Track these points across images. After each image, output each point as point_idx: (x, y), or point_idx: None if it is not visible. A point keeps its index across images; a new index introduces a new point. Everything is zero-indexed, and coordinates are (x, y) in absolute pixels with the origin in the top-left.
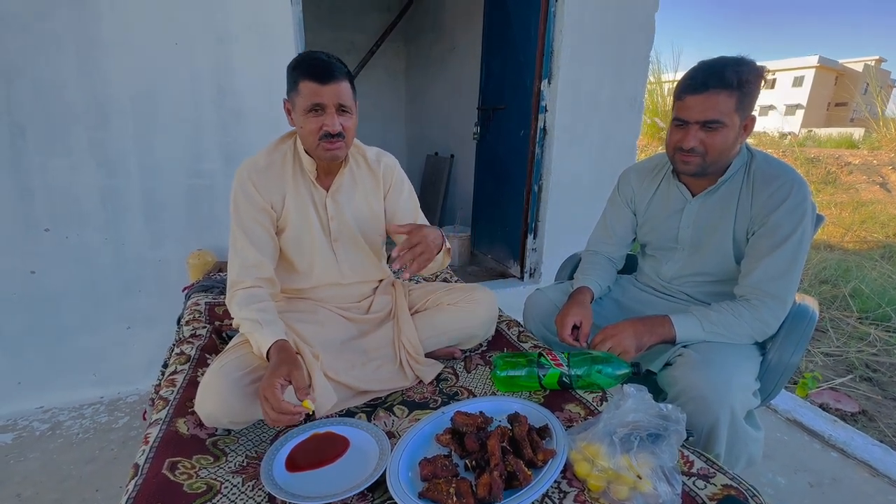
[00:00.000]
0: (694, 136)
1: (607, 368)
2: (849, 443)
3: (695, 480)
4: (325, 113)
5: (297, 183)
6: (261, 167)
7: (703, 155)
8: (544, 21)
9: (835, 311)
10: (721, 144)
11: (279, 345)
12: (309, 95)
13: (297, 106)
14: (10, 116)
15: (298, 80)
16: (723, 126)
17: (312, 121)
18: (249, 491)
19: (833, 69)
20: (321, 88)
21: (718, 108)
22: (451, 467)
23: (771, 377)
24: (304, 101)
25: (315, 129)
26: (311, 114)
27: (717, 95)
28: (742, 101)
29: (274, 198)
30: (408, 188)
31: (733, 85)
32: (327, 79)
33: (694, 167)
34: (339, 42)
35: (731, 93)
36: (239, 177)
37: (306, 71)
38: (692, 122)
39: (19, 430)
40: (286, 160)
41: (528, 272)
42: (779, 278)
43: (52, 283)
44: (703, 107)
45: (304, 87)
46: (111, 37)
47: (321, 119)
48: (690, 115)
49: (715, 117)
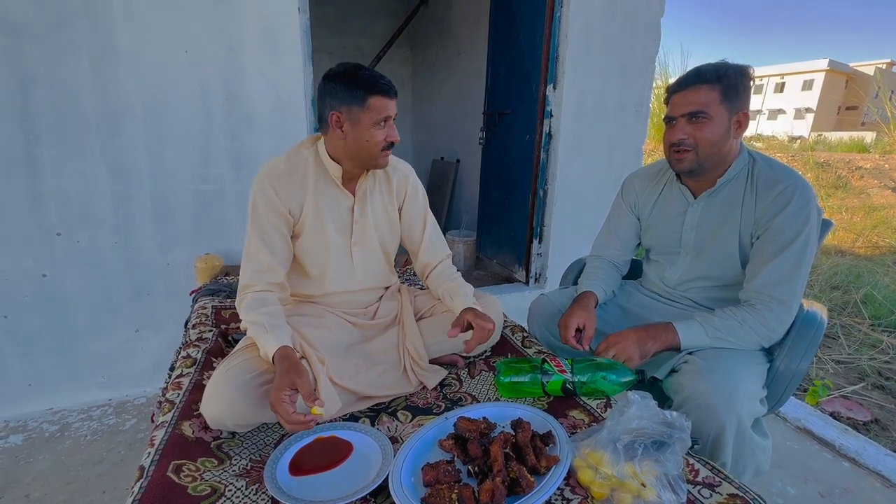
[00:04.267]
0: (681, 129)
1: (612, 375)
2: (861, 452)
3: (700, 489)
4: (387, 125)
5: (318, 188)
6: (281, 172)
7: (694, 148)
8: (549, 26)
9: (846, 318)
10: (710, 136)
11: (282, 352)
12: (380, 109)
13: (365, 119)
14: (26, 124)
15: (367, 95)
16: (708, 118)
17: (380, 132)
18: (253, 494)
19: (843, 72)
20: (389, 102)
21: (700, 99)
22: (453, 473)
23: (779, 385)
24: (376, 114)
25: (382, 139)
26: (379, 126)
27: (697, 90)
28: (726, 94)
29: (293, 203)
30: (422, 196)
31: (712, 79)
32: (393, 93)
33: (688, 163)
34: (346, 48)
35: (711, 86)
36: (259, 181)
37: (376, 87)
38: (678, 117)
39: (29, 431)
40: (308, 166)
41: (533, 277)
42: (783, 283)
43: (63, 286)
44: (685, 100)
45: (376, 101)
46: (125, 45)
47: (385, 130)
48: (675, 110)
49: (697, 108)
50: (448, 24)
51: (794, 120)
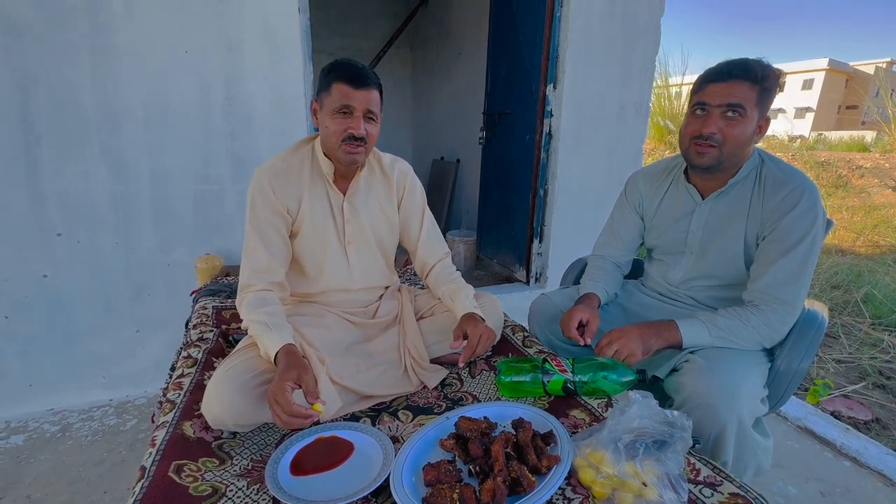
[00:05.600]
0: (714, 122)
1: (613, 375)
2: (862, 451)
3: (701, 488)
4: (352, 116)
5: (313, 186)
6: (278, 171)
7: (720, 145)
8: (549, 26)
9: (847, 317)
10: (739, 136)
11: (287, 349)
12: (340, 97)
13: (326, 106)
14: (27, 124)
15: (332, 81)
16: (744, 114)
17: (339, 122)
18: (254, 494)
19: (843, 72)
20: (353, 92)
21: (742, 94)
22: (454, 473)
23: (779, 384)
24: (335, 101)
25: (340, 130)
26: (338, 115)
27: (741, 84)
28: (762, 97)
29: (290, 201)
30: (420, 194)
31: (757, 77)
32: (360, 84)
33: (709, 159)
34: (346, 49)
35: (753, 85)
36: (257, 180)
37: (342, 74)
38: (713, 106)
39: (30, 431)
40: (304, 164)
41: (533, 277)
42: (788, 283)
43: (64, 286)
44: (726, 91)
45: (337, 88)
46: (125, 45)
47: (348, 121)
48: (713, 99)
49: (738, 101)
50: (448, 25)
51: (795, 119)
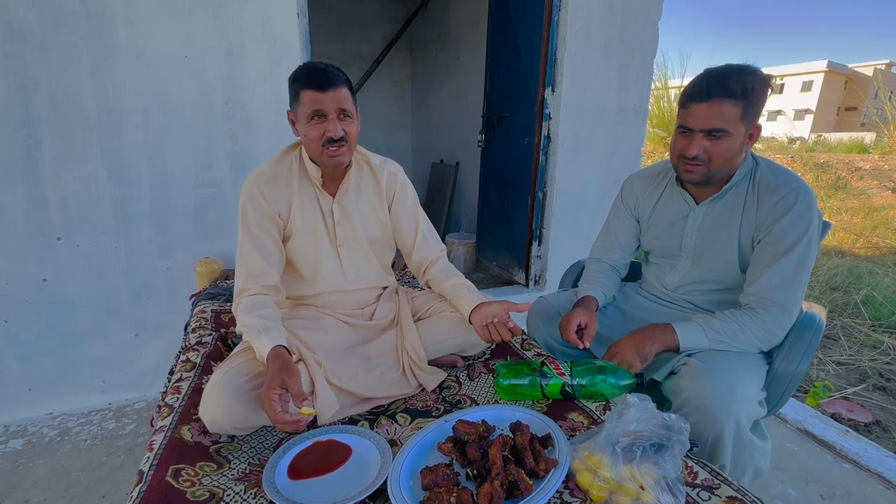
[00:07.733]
0: (698, 145)
1: (611, 378)
2: (862, 454)
3: (699, 491)
4: (326, 119)
5: (303, 190)
6: (268, 177)
7: (706, 163)
8: (548, 29)
9: (846, 319)
10: (725, 153)
11: (275, 352)
12: (310, 103)
13: (300, 115)
14: (27, 128)
15: (299, 90)
16: (727, 135)
17: (315, 128)
18: (252, 498)
19: (842, 73)
20: (321, 95)
21: (723, 116)
22: (452, 476)
23: (778, 386)
24: (306, 109)
25: (318, 135)
26: (313, 121)
27: (721, 104)
28: (747, 110)
29: (281, 206)
30: (412, 194)
31: (738, 94)
32: (326, 86)
33: (698, 176)
34: (345, 52)
35: (735, 102)
36: (247, 187)
37: (306, 80)
38: (696, 130)
39: (29, 435)
40: (292, 169)
41: (532, 279)
42: (784, 287)
43: (64, 290)
44: (707, 115)
45: (305, 95)
46: (125, 49)
47: (323, 125)
48: (695, 122)
49: (719, 126)
50: (447, 28)
51: (794, 121)
